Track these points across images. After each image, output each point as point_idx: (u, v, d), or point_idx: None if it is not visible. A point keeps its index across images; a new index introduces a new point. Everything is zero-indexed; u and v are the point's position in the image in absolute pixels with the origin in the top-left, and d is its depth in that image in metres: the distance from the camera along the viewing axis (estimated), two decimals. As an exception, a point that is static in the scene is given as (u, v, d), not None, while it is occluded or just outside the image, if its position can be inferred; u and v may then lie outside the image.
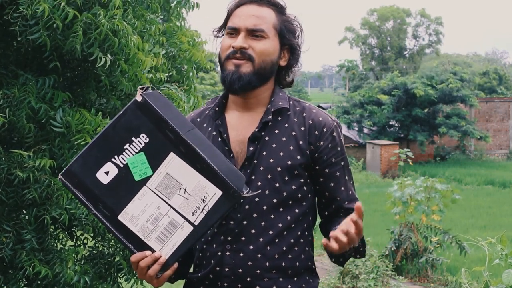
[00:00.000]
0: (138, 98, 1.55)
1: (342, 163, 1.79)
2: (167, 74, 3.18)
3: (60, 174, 1.58)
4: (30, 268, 2.64)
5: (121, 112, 1.56)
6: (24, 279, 2.96)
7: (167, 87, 3.12)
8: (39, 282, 2.92)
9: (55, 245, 2.96)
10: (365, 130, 23.21)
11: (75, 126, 2.61)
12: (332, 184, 1.78)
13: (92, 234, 3.38)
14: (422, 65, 40.44)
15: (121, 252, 3.30)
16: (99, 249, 3.40)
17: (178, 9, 3.45)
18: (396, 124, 23.16)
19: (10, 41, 2.88)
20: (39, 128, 2.73)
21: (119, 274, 3.33)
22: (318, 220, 1.87)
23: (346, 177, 1.81)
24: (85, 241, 3.48)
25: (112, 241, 3.38)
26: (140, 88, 1.56)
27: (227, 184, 1.54)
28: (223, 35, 1.81)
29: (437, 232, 7.61)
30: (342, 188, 1.79)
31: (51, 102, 2.66)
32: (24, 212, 2.78)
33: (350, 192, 1.81)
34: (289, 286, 1.74)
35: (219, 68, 1.84)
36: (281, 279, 1.73)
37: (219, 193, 1.55)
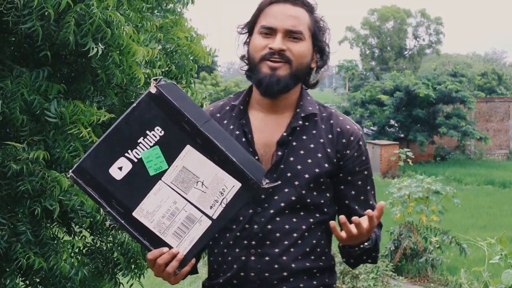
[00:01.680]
0: (152, 89, 1.50)
1: (366, 172, 1.78)
2: (165, 69, 3.17)
3: (70, 171, 1.52)
4: (24, 260, 2.63)
5: (134, 104, 1.51)
6: (20, 272, 2.95)
7: (164, 81, 3.11)
8: (34, 275, 2.92)
9: (51, 237, 2.94)
10: (365, 130, 23.18)
11: (69, 117, 2.60)
12: (352, 192, 1.76)
13: (89, 230, 3.37)
14: (422, 65, 40.44)
15: (119, 248, 3.29)
16: (97, 244, 3.40)
17: (173, 4, 3.44)
18: (396, 124, 23.15)
19: (7, 36, 2.87)
20: (35, 121, 2.72)
21: (116, 270, 3.32)
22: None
23: (368, 187, 1.79)
24: (83, 237, 3.46)
25: (110, 236, 3.38)
26: (154, 80, 1.51)
27: (247, 176, 1.50)
28: (246, 32, 1.75)
29: (437, 233, 7.59)
30: (362, 197, 1.77)
31: (45, 94, 2.65)
32: (20, 204, 2.77)
33: (370, 202, 1.79)
34: (315, 282, 1.74)
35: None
36: (305, 277, 1.73)
37: (238, 185, 1.51)
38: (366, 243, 1.67)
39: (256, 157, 1.70)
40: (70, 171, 1.53)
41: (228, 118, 1.78)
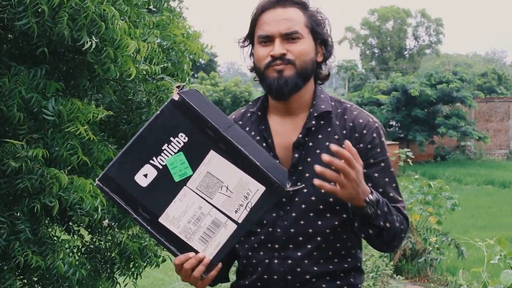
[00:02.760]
0: (175, 96, 1.52)
1: (382, 164, 1.74)
2: (162, 66, 3.16)
3: (97, 179, 1.55)
4: (22, 258, 2.63)
5: (158, 112, 1.53)
6: (18, 271, 2.95)
7: (162, 77, 3.11)
8: (32, 274, 2.91)
9: (50, 236, 2.94)
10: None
11: (67, 115, 2.60)
12: (369, 185, 1.69)
13: (88, 229, 3.36)
14: (422, 65, 40.47)
15: (116, 248, 3.28)
16: (96, 243, 3.38)
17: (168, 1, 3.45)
18: (396, 124, 23.16)
19: (4, 33, 2.86)
20: (33, 119, 2.72)
21: (114, 269, 3.31)
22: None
23: (386, 179, 1.74)
24: (81, 236, 3.45)
25: (109, 235, 3.37)
26: (177, 87, 1.52)
27: (270, 179, 1.52)
28: (249, 44, 1.80)
29: (436, 234, 7.59)
30: (381, 190, 1.72)
31: (43, 92, 2.64)
32: (19, 202, 2.77)
33: (391, 194, 1.74)
34: (338, 283, 1.74)
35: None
36: (328, 278, 1.73)
37: (262, 189, 1.53)
38: (368, 198, 1.58)
39: (277, 161, 1.70)
40: (97, 179, 1.55)
41: (249, 125, 1.81)
